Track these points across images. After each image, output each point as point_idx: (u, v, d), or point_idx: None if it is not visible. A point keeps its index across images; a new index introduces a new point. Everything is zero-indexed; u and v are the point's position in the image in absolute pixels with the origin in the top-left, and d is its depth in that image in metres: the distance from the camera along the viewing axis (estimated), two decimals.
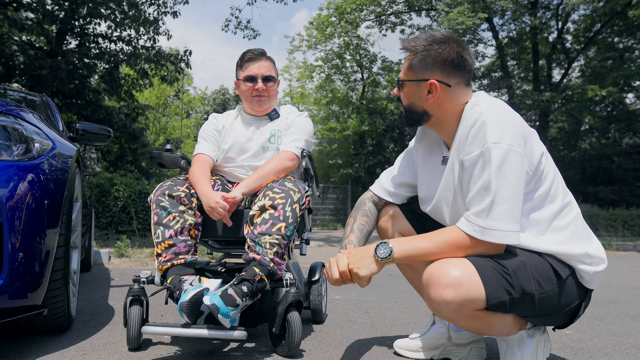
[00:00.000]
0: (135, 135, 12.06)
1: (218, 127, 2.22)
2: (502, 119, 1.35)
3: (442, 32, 1.49)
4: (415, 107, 1.51)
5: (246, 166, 2.13)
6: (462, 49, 1.46)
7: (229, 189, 2.10)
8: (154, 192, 1.92)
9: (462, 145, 1.40)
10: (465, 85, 1.49)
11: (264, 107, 2.19)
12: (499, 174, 1.30)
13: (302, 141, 2.12)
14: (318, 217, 17.45)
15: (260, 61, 2.16)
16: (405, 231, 1.71)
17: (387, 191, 1.75)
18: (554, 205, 1.41)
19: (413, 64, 1.47)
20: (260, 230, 1.78)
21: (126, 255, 5.65)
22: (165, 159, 2.16)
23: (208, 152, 2.14)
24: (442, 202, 1.53)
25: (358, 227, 1.66)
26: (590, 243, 1.45)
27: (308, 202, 1.97)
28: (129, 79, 11.97)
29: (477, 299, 1.27)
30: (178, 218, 1.85)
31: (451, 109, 1.48)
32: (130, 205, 7.84)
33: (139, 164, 12.67)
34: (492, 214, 1.30)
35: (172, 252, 1.82)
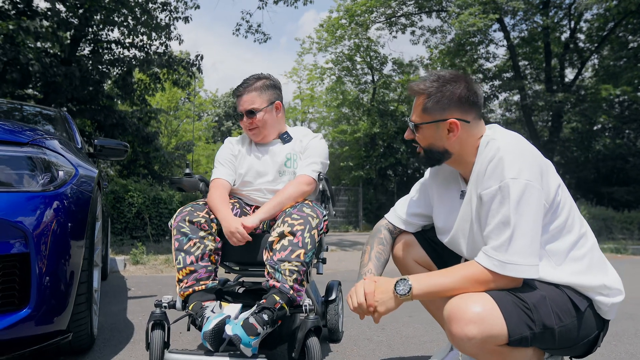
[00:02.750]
0: (148, 139, 12.16)
1: (234, 152, 2.26)
2: (520, 154, 1.37)
3: (448, 71, 1.52)
4: (436, 147, 1.52)
5: (264, 190, 2.16)
6: (473, 84, 1.49)
7: (247, 212, 2.14)
8: (174, 217, 1.96)
9: (480, 180, 1.42)
10: (479, 119, 1.51)
11: (259, 136, 2.22)
12: (517, 209, 1.32)
13: (318, 164, 2.14)
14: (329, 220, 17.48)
15: (243, 95, 2.19)
16: (421, 259, 1.73)
17: (402, 220, 1.77)
18: (570, 236, 1.42)
19: (428, 107, 1.49)
20: (279, 257, 1.81)
21: (141, 262, 5.72)
22: (185, 183, 2.20)
23: (225, 176, 2.18)
24: (460, 234, 1.55)
25: (375, 255, 1.68)
26: (607, 273, 1.45)
27: (326, 226, 2.00)
28: (142, 84, 12.08)
29: (499, 334, 1.29)
30: (199, 244, 1.89)
31: (471, 144, 1.50)
32: (144, 211, 7.93)
33: (152, 168, 12.80)
34: (511, 248, 1.31)
35: (194, 279, 1.86)
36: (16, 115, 3.47)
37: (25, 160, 1.77)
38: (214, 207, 1.98)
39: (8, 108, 3.63)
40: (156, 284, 4.48)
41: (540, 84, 18.04)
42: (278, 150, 2.22)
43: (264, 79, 2.24)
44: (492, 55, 17.96)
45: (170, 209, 8.19)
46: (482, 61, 17.85)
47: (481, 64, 17.89)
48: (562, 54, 17.07)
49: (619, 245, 9.76)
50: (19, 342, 1.66)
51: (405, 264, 1.76)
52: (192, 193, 2.38)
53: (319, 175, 2.12)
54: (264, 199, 2.14)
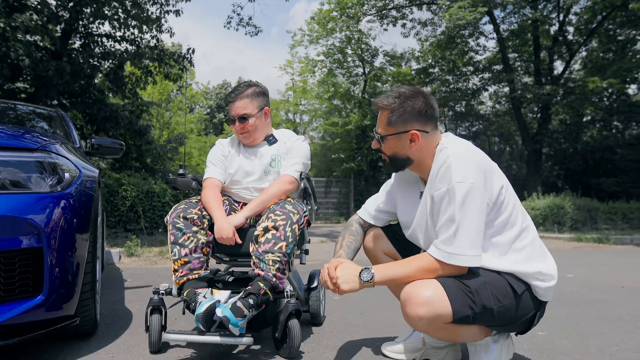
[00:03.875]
0: (140, 132, 12.23)
1: (224, 153, 2.49)
2: (466, 161, 1.60)
3: (407, 88, 1.75)
4: (399, 155, 1.76)
5: (251, 188, 2.40)
6: (429, 99, 1.73)
7: (235, 209, 2.37)
8: (170, 214, 2.19)
9: (433, 183, 1.66)
10: (436, 128, 1.75)
11: (249, 140, 2.44)
12: (462, 208, 1.56)
13: (300, 165, 2.38)
14: (321, 211, 17.72)
15: (235, 102, 2.40)
16: (387, 250, 1.98)
17: (371, 215, 2.02)
18: (513, 230, 1.67)
19: (392, 120, 1.72)
20: (264, 248, 2.05)
21: (136, 254, 5.94)
22: (179, 183, 2.43)
23: (217, 176, 2.42)
24: (418, 228, 1.79)
25: (346, 243, 1.93)
26: (545, 261, 1.71)
27: (306, 220, 2.24)
28: (133, 77, 12.15)
29: (445, 314, 1.54)
30: (192, 238, 2.12)
31: (429, 151, 1.74)
32: (137, 204, 8.12)
33: (144, 161, 12.92)
34: (456, 241, 1.56)
35: (188, 268, 2.10)
36: (11, 115, 3.65)
37: (36, 164, 1.99)
38: (209, 207, 2.21)
39: (2, 108, 3.79)
40: (151, 275, 4.70)
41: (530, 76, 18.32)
42: (264, 152, 2.45)
43: (254, 87, 2.47)
44: (482, 47, 18.21)
45: (163, 202, 8.39)
46: (472, 54, 18.10)
47: (471, 56, 18.14)
48: (551, 46, 17.34)
49: (601, 235, 10.08)
50: (33, 326, 1.89)
51: (374, 255, 2.01)
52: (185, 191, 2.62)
53: (301, 175, 2.35)
54: (251, 197, 2.37)
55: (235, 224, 2.15)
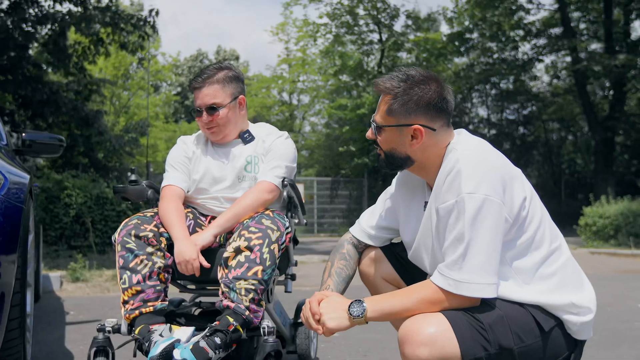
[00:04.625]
0: (89, 119, 12.21)
1: (188, 154, 2.57)
2: (479, 167, 1.68)
3: (419, 70, 1.81)
4: (397, 152, 1.82)
5: (221, 198, 2.48)
6: (443, 89, 1.79)
7: (201, 224, 2.46)
8: (118, 231, 2.27)
9: (439, 193, 1.74)
10: (448, 126, 1.83)
11: (219, 136, 2.51)
12: (473, 225, 1.62)
13: (282, 169, 2.46)
14: (325, 220, 17.85)
15: (202, 88, 2.46)
16: (388, 276, 2.06)
17: (366, 234, 2.09)
18: (539, 252, 1.75)
19: (393, 109, 1.78)
20: (235, 274, 2.14)
21: (82, 279, 6.06)
22: (130, 192, 2.52)
23: (178, 183, 2.49)
24: (422, 248, 1.87)
25: (336, 271, 2.01)
26: (579, 291, 1.78)
27: (289, 239, 2.33)
28: (80, 47, 12.19)
29: (452, 356, 1.62)
30: (146, 261, 2.20)
31: (435, 152, 1.80)
32: (85, 214, 8.25)
33: (95, 157, 13.01)
34: (465, 266, 1.62)
35: (140, 300, 2.18)
36: None
37: None
38: (168, 223, 2.29)
39: None
40: (101, 306, 4.81)
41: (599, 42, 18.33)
42: (238, 152, 2.53)
43: (226, 70, 2.54)
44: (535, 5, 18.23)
45: (118, 210, 8.52)
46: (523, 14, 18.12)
47: (521, 17, 18.17)
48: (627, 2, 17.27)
49: None
50: None
51: (372, 282, 2.10)
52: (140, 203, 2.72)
53: (283, 181, 2.44)
54: (221, 209, 2.46)
55: (201, 244, 2.22)
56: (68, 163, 12.51)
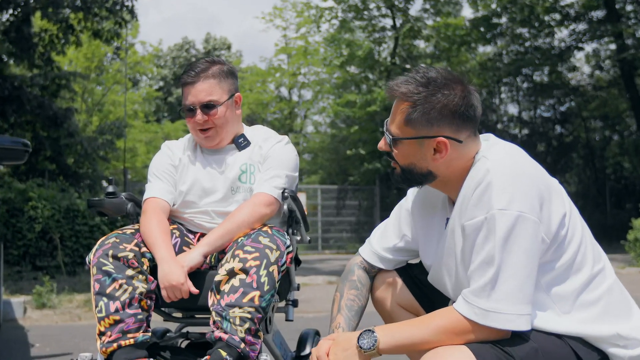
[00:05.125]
0: (57, 119, 12.23)
1: (174, 161, 2.57)
2: (513, 179, 1.68)
3: (440, 71, 1.81)
4: (417, 168, 1.83)
5: (211, 212, 2.48)
6: (469, 93, 1.79)
7: (189, 242, 2.47)
8: (93, 251, 2.27)
9: (464, 208, 1.74)
10: (475, 135, 1.83)
11: (215, 141, 2.52)
12: (504, 246, 1.62)
13: (282, 178, 2.46)
14: (331, 235, 17.86)
15: (196, 83, 2.48)
16: (406, 303, 2.07)
17: (379, 257, 2.10)
18: (580, 276, 1.75)
19: (412, 118, 1.77)
20: (228, 301, 2.13)
21: (49, 305, 6.08)
22: (107, 206, 2.54)
23: (163, 195, 2.50)
24: (444, 270, 1.87)
25: (347, 304, 2.01)
26: (627, 319, 1.78)
27: (290, 259, 2.34)
28: (46, 35, 12.23)
29: None
30: (125, 286, 2.19)
31: (461, 165, 1.80)
32: (52, 230, 8.28)
33: (63, 163, 13.03)
34: (495, 293, 1.62)
35: (119, 331, 2.17)
36: None
37: None
38: (150, 241, 2.29)
39: None
40: (72, 336, 4.82)
41: None
42: (232, 160, 2.54)
43: (220, 64, 2.56)
44: None
45: (91, 225, 8.55)
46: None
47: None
48: None
49: None
50: None
51: (387, 310, 2.10)
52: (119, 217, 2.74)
53: (284, 193, 2.45)
54: (212, 225, 2.47)
55: (188, 266, 2.22)
56: (32, 170, 12.46)
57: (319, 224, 17.49)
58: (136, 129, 23.31)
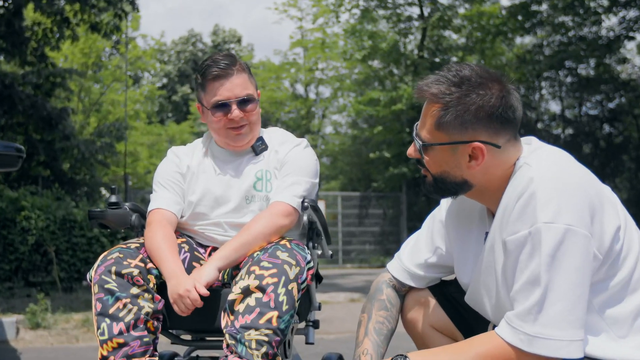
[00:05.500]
0: (51, 120, 12.29)
1: (181, 169, 2.60)
2: (560, 188, 1.66)
3: (475, 69, 1.80)
4: (451, 176, 1.83)
5: (224, 224, 2.51)
6: (508, 93, 1.78)
7: (200, 257, 2.49)
8: (95, 267, 2.29)
9: (505, 221, 1.73)
10: (515, 139, 1.82)
11: (245, 140, 2.57)
12: (552, 264, 1.61)
13: (301, 186, 2.48)
14: (353, 247, 17.84)
15: (230, 77, 2.52)
16: (439, 324, 2.06)
17: (410, 274, 2.10)
18: (638, 295, 1.73)
19: (444, 122, 1.77)
20: (243, 322, 2.13)
21: (44, 325, 6.10)
22: (109, 218, 2.56)
23: (169, 206, 2.53)
24: (482, 290, 1.87)
25: (375, 327, 2.01)
26: None
27: (311, 276, 2.35)
28: (39, 29, 12.30)
29: None
30: (130, 306, 2.21)
31: (499, 173, 1.80)
32: (47, 242, 8.32)
33: (59, 169, 13.10)
34: (542, 317, 1.61)
35: (123, 355, 2.19)
36: None
37: None
38: (157, 256, 2.31)
39: None
40: (69, 359, 4.84)
41: None
42: (246, 166, 2.57)
43: (239, 60, 2.61)
44: None
45: (89, 237, 8.60)
46: None
47: None
48: None
49: None
50: None
51: (419, 332, 2.10)
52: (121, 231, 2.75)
53: (303, 202, 2.47)
54: (225, 238, 2.49)
55: (205, 281, 2.23)
56: (25, 176, 12.50)
57: (340, 235, 17.47)
58: (138, 131, 23.44)
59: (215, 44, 32.50)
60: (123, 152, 15.71)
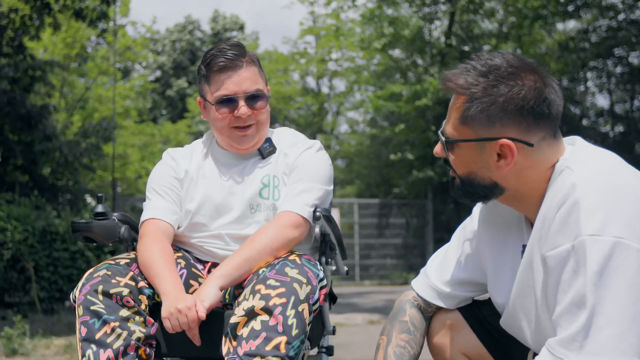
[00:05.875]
0: (30, 119, 12.34)
1: (178, 174, 2.61)
2: (607, 195, 1.65)
3: (507, 57, 1.80)
4: (479, 178, 1.83)
5: (225, 236, 2.50)
6: (544, 84, 1.77)
7: (198, 274, 2.49)
8: (79, 287, 2.28)
9: (545, 233, 1.72)
10: (554, 136, 1.81)
11: (250, 143, 2.57)
12: (599, 282, 1.59)
13: (312, 193, 2.48)
14: (372, 262, 17.82)
15: (239, 70, 2.53)
16: (471, 350, 2.05)
17: (438, 292, 2.09)
18: None
19: (469, 115, 1.78)
20: (247, 349, 2.11)
21: (22, 351, 6.12)
22: (95, 231, 2.56)
23: (165, 215, 2.53)
24: (520, 313, 1.85)
25: (395, 351, 2.00)
26: None
27: (324, 296, 2.33)
28: (17, 17, 12.35)
29: None
30: (119, 330, 2.20)
31: (536, 175, 1.79)
32: (25, 257, 8.35)
33: (38, 174, 13.14)
34: (589, 344, 1.58)
35: None
36: None
37: None
38: (151, 272, 2.31)
39: None
40: None
41: None
42: (251, 171, 2.57)
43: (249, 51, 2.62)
44: None
45: (72, 251, 8.62)
46: None
47: None
48: None
49: None
50: None
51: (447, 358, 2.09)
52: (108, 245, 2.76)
53: (315, 212, 2.46)
54: (227, 252, 2.48)
55: (208, 303, 2.20)
56: (0, 182, 12.59)
57: (357, 248, 17.45)
58: (127, 131, 23.51)
59: (214, 32, 32.58)
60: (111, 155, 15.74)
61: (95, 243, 2.64)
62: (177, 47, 32.07)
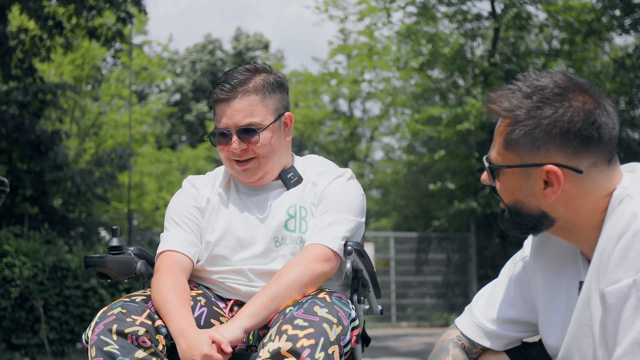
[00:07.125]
0: (40, 146, 12.40)
1: (199, 203, 2.64)
2: None
3: (555, 77, 1.82)
4: (526, 207, 1.84)
5: (248, 272, 2.52)
6: (595, 106, 1.78)
7: (219, 312, 2.50)
8: (92, 326, 2.30)
9: (604, 267, 1.72)
10: (608, 162, 1.82)
11: (255, 176, 2.60)
12: None
13: (343, 225, 2.49)
14: (409, 302, 17.76)
15: (231, 101, 2.56)
16: None
17: (485, 331, 2.09)
18: None
19: (513, 140, 1.80)
20: None
21: None
22: (110, 266, 2.59)
23: (183, 248, 2.54)
24: (576, 355, 1.85)
25: None
26: None
27: (356, 337, 2.34)
28: (26, 37, 12.48)
29: None
30: None
31: (587, 205, 1.80)
32: (34, 295, 8.39)
33: (48, 205, 13.23)
34: None
35: None
36: None
37: None
38: (163, 309, 2.32)
39: None
40: None
41: None
42: (277, 202, 2.59)
43: (265, 73, 2.63)
44: None
45: (85, 288, 8.65)
46: None
47: None
48: None
49: None
50: None
51: None
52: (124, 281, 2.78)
53: (346, 246, 2.47)
54: (250, 289, 2.51)
55: (230, 339, 2.21)
56: (8, 214, 12.61)
57: (393, 286, 17.39)
58: (144, 159, 23.64)
59: (237, 51, 32.79)
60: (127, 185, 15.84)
61: (110, 279, 2.66)
62: (197, 68, 32.32)
